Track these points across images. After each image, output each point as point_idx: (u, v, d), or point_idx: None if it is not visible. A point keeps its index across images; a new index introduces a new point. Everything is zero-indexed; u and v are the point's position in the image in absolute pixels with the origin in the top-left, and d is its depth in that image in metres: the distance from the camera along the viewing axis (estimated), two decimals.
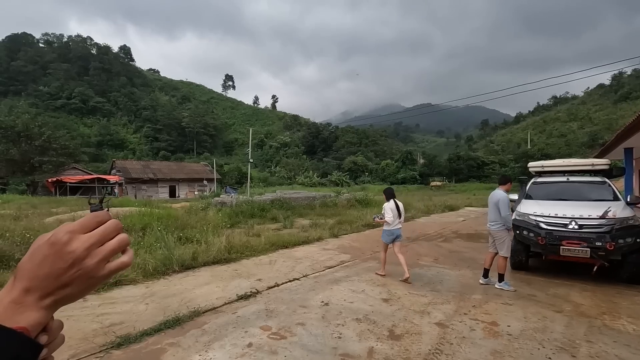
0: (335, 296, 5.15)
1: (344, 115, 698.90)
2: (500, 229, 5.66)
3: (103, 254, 0.48)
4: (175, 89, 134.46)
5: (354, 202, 20.09)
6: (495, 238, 5.74)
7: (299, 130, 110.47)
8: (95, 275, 0.47)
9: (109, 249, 0.49)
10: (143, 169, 44.79)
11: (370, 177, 70.19)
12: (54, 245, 0.45)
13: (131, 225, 9.86)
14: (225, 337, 3.77)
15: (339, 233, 11.12)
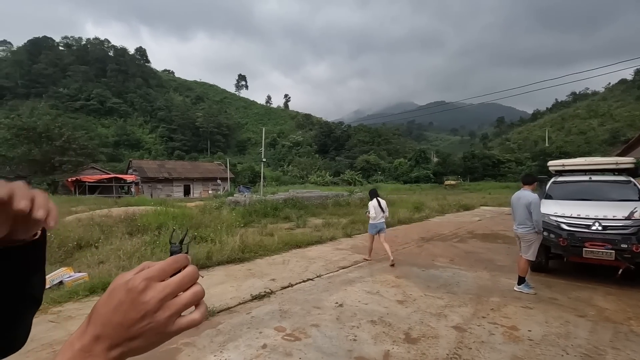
0: (349, 297, 5.10)
1: (356, 113, 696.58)
2: (530, 232, 5.39)
3: (175, 308, 0.44)
4: (189, 89, 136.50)
5: (367, 202, 19.93)
6: (523, 240, 5.50)
7: (311, 129, 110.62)
8: (164, 331, 0.43)
9: (183, 303, 0.44)
10: (158, 169, 45.58)
11: (383, 176, 69.70)
12: (130, 292, 0.42)
13: (147, 224, 10.03)
14: (240, 338, 3.76)
15: (352, 233, 11.06)
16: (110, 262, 6.58)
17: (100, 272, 6.03)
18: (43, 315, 4.38)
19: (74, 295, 5.02)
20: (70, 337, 0.42)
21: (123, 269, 6.03)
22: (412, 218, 14.87)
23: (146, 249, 7.42)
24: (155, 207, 13.68)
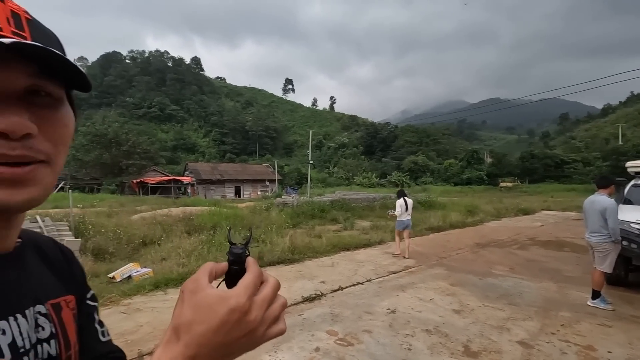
0: (401, 304, 4.96)
1: (403, 113, 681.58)
2: (605, 241, 4.84)
3: (270, 321, 0.42)
4: (239, 95, 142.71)
5: (416, 204, 19.32)
6: (596, 251, 4.96)
7: (357, 131, 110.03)
8: (258, 343, 0.42)
9: (275, 316, 0.43)
10: (212, 171, 48.11)
11: (432, 177, 67.25)
12: (234, 312, 0.38)
13: (203, 223, 10.60)
14: (293, 339, 3.81)
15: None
16: (171, 259, 7.03)
17: (162, 268, 6.47)
18: (115, 306, 4.80)
19: (140, 289, 5.43)
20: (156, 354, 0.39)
21: (183, 267, 6.42)
22: (465, 222, 14.14)
23: (203, 248, 7.84)
24: (209, 208, 14.44)
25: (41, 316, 0.48)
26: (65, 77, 0.42)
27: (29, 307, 0.47)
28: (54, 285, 0.54)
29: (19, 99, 0.38)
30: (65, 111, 0.44)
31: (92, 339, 0.59)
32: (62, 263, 0.60)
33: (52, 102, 0.42)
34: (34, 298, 0.49)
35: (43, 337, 0.48)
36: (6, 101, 0.37)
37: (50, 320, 0.50)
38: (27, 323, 0.45)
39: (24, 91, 0.39)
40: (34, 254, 0.55)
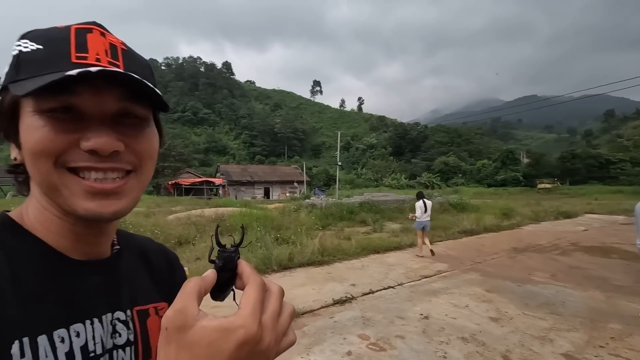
0: (435, 309, 4.83)
1: (433, 113, 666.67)
2: None
3: (281, 337, 0.37)
4: (268, 98, 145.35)
5: (448, 206, 18.82)
6: None
7: (385, 132, 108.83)
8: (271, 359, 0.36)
9: (285, 330, 0.38)
10: (242, 172, 49.26)
11: (464, 178, 65.16)
12: (246, 345, 0.32)
13: (234, 224, 10.86)
14: (325, 342, 3.81)
15: (432, 240, 10.48)
16: (205, 259, 7.24)
17: (197, 267, 6.68)
18: None
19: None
20: None
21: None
22: (501, 225, 13.57)
23: None
24: (240, 209, 14.79)
25: (120, 322, 0.50)
26: (150, 100, 0.45)
27: (107, 313, 0.49)
28: (147, 291, 0.57)
29: (110, 119, 0.43)
30: (150, 130, 0.48)
31: None
32: (165, 270, 0.63)
33: (138, 122, 0.46)
34: (116, 304, 0.51)
35: (119, 343, 0.49)
36: (99, 122, 0.42)
37: (129, 327, 0.51)
38: (103, 328, 0.47)
39: (115, 113, 0.43)
40: (135, 260, 0.58)
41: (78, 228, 0.47)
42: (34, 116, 0.41)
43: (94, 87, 0.41)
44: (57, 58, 0.41)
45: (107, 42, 0.45)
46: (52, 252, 0.46)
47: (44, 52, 0.42)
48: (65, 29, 0.44)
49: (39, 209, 0.47)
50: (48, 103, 0.40)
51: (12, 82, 0.42)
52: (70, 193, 0.42)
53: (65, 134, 0.41)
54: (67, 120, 0.41)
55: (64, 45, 0.42)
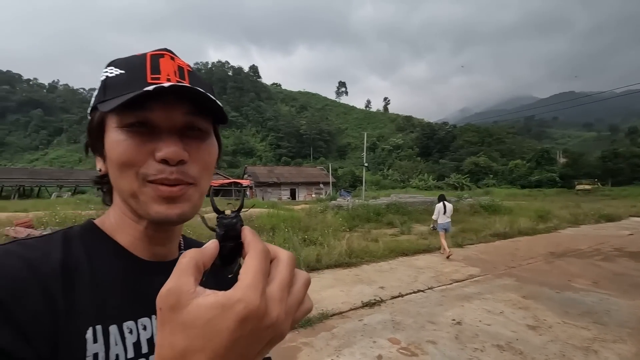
0: (467, 315, 4.69)
1: (462, 112, 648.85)
2: None
3: (294, 308, 0.33)
4: (294, 99, 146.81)
5: (479, 208, 18.23)
6: None
7: (412, 132, 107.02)
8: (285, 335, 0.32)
9: (299, 301, 0.33)
10: (268, 174, 49.96)
11: (496, 179, 62.88)
12: (248, 321, 0.27)
13: (262, 225, 11.04)
14: (354, 345, 3.80)
15: (463, 242, 10.22)
16: None
17: None
18: None
19: None
20: None
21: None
22: (536, 229, 12.98)
23: None
24: (268, 210, 15.01)
25: None
26: (212, 114, 0.51)
27: None
28: None
29: (177, 132, 0.48)
30: (210, 142, 0.53)
31: None
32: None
33: (201, 135, 0.51)
34: None
35: None
36: (168, 134, 0.47)
37: None
38: None
39: (182, 126, 0.48)
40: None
41: (149, 231, 0.53)
42: (117, 131, 0.47)
43: (165, 103, 0.46)
44: (135, 80, 0.48)
45: (176, 65, 0.52)
46: (125, 253, 0.53)
47: (126, 76, 0.49)
48: (142, 55, 0.51)
49: (118, 215, 0.54)
50: (128, 119, 0.46)
51: (100, 103, 0.49)
52: (145, 199, 0.48)
53: (142, 145, 0.47)
54: (143, 133, 0.47)
55: (141, 69, 0.49)
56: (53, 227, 9.77)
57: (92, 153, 0.54)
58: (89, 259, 0.49)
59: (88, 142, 0.54)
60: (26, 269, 0.43)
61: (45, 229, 9.68)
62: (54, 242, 0.49)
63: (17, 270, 0.42)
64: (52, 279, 0.44)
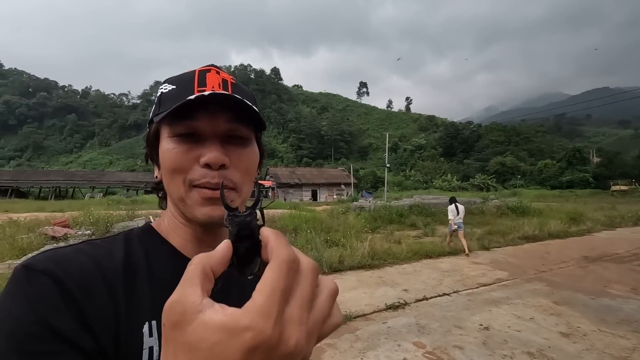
0: (495, 320, 4.55)
1: (487, 111, 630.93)
2: None
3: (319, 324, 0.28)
4: (315, 101, 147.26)
5: (506, 210, 17.66)
6: None
7: (435, 132, 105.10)
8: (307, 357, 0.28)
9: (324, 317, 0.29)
10: (290, 175, 50.35)
11: (524, 180, 60.73)
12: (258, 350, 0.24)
13: (285, 226, 11.15)
14: (379, 347, 3.77)
15: (489, 245, 9.92)
16: None
17: None
18: None
19: None
20: None
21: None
22: (568, 231, 12.43)
23: None
24: (290, 211, 15.14)
25: None
26: (254, 122, 0.55)
27: None
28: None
29: (220, 139, 0.52)
30: (251, 148, 0.56)
31: None
32: None
33: (242, 142, 0.54)
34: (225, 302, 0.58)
35: None
36: (212, 140, 0.51)
37: None
38: None
39: (224, 133, 0.52)
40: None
41: (197, 233, 0.56)
42: (168, 140, 0.52)
43: (209, 113, 0.50)
44: (184, 93, 0.52)
45: (221, 78, 0.56)
46: (177, 254, 0.56)
47: (177, 90, 0.54)
48: (192, 72, 0.56)
49: (171, 219, 0.58)
50: (178, 129, 0.51)
51: (155, 115, 0.55)
52: (192, 202, 0.51)
53: (189, 152, 0.50)
54: (191, 141, 0.51)
55: (190, 83, 0.54)
56: (87, 227, 10.25)
57: (151, 162, 0.59)
58: (146, 258, 0.53)
59: (146, 153, 0.59)
60: (93, 265, 0.47)
61: (80, 228, 10.17)
62: (117, 243, 0.54)
63: (86, 267, 0.47)
64: (115, 276, 0.48)
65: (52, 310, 0.40)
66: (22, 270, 0.43)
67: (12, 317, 0.39)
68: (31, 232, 9.33)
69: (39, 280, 0.42)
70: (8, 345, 0.37)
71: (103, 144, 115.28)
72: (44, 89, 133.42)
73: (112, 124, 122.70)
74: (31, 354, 0.37)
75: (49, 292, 0.41)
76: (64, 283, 0.43)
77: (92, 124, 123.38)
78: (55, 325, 0.39)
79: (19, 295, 0.41)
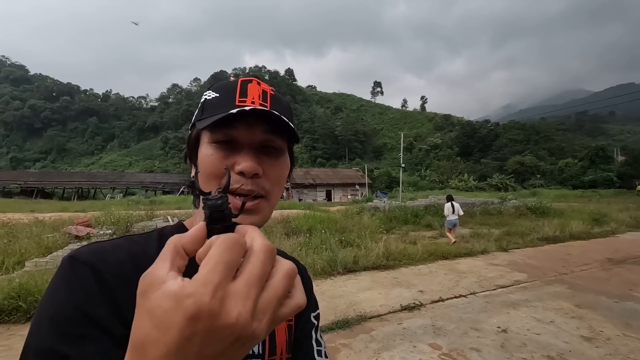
0: (514, 323, 4.46)
1: (505, 109, 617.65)
2: None
3: (272, 306, 0.29)
4: (329, 101, 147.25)
5: (525, 210, 17.25)
6: None
7: (451, 131, 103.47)
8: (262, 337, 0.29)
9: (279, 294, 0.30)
10: (304, 175, 50.52)
11: (544, 179, 59.10)
12: (198, 319, 0.26)
13: (299, 226, 11.20)
14: (394, 348, 3.76)
15: (508, 247, 9.72)
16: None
17: None
18: None
19: None
20: None
21: None
22: (591, 232, 12.05)
23: (301, 250, 8.27)
24: (304, 211, 15.20)
25: None
26: (287, 134, 0.57)
27: None
28: None
29: (255, 148, 0.54)
30: (283, 159, 0.59)
31: (307, 355, 0.65)
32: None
33: (275, 152, 0.57)
34: None
35: None
36: (247, 150, 0.54)
37: None
38: None
39: (259, 143, 0.55)
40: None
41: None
42: (207, 146, 0.55)
43: (248, 123, 0.53)
44: (226, 102, 0.56)
45: (261, 89, 0.59)
46: None
47: (219, 99, 0.58)
48: (235, 81, 0.60)
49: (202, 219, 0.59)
50: (217, 136, 0.54)
51: (198, 121, 0.58)
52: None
53: (225, 159, 0.53)
54: (228, 149, 0.54)
55: (232, 93, 0.57)
56: (108, 226, 10.56)
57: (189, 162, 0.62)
58: None
59: (186, 153, 0.63)
60: (129, 259, 0.52)
61: (101, 227, 10.48)
62: (152, 240, 0.58)
63: (122, 260, 0.51)
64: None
65: (90, 298, 0.45)
66: (68, 261, 0.48)
67: (56, 302, 0.44)
68: (56, 231, 9.68)
69: (80, 270, 0.47)
70: (50, 326, 0.42)
71: (123, 145, 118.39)
72: (67, 93, 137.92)
73: (131, 126, 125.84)
74: (68, 336, 0.42)
75: (88, 282, 0.46)
76: (101, 274, 0.47)
77: (112, 127, 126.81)
78: (91, 312, 0.44)
79: (63, 283, 0.46)
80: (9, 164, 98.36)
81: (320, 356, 0.66)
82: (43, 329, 0.42)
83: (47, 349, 0.41)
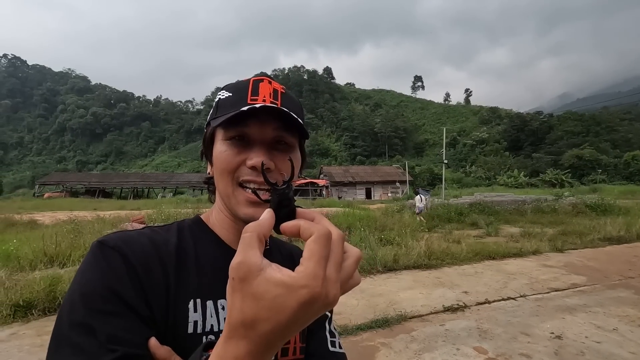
0: (570, 329, 4.13)
1: (561, 99, 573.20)
2: None
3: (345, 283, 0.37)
4: (367, 98, 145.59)
5: (584, 208, 15.89)
6: None
7: (498, 124, 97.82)
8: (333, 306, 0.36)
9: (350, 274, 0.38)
10: (343, 173, 50.46)
11: (606, 174, 54.02)
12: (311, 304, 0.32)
13: (339, 224, 11.21)
14: (436, 350, 3.63)
15: (563, 247, 9.01)
16: None
17: None
18: None
19: None
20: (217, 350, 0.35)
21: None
22: None
23: None
24: (344, 209, 15.18)
25: None
26: (298, 131, 0.60)
27: None
28: None
29: (267, 145, 0.57)
30: (294, 155, 0.61)
31: (321, 346, 0.67)
32: None
33: (287, 148, 0.60)
34: None
35: None
36: (260, 146, 0.57)
37: None
38: None
39: (271, 140, 0.58)
40: (282, 259, 0.72)
41: (240, 227, 0.61)
42: (221, 143, 0.59)
43: (259, 120, 0.56)
44: (238, 101, 0.59)
45: (272, 88, 0.61)
46: (222, 244, 0.65)
47: (232, 98, 0.60)
48: (247, 80, 0.62)
49: (218, 212, 0.66)
50: (230, 133, 0.57)
51: (212, 119, 0.61)
52: (237, 201, 0.58)
53: (238, 155, 0.57)
54: (241, 145, 0.57)
55: (244, 92, 0.60)
56: (159, 223, 11.29)
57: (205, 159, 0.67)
58: (195, 245, 0.62)
59: (202, 150, 0.67)
60: (152, 247, 0.57)
61: (154, 224, 11.23)
62: (172, 231, 0.63)
63: (146, 247, 0.56)
64: (169, 257, 0.57)
65: (118, 279, 0.50)
66: (98, 245, 0.53)
67: (88, 281, 0.50)
68: (114, 227, 10.53)
69: (110, 254, 0.52)
70: (82, 301, 0.47)
71: (172, 147, 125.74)
72: (123, 100, 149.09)
73: (180, 129, 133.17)
74: (98, 311, 0.46)
75: (116, 264, 0.51)
76: (128, 258, 0.52)
77: (162, 130, 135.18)
78: (120, 292, 0.49)
79: (94, 265, 0.51)
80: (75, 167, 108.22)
81: (334, 347, 0.68)
82: (76, 304, 0.47)
83: (80, 321, 0.46)
